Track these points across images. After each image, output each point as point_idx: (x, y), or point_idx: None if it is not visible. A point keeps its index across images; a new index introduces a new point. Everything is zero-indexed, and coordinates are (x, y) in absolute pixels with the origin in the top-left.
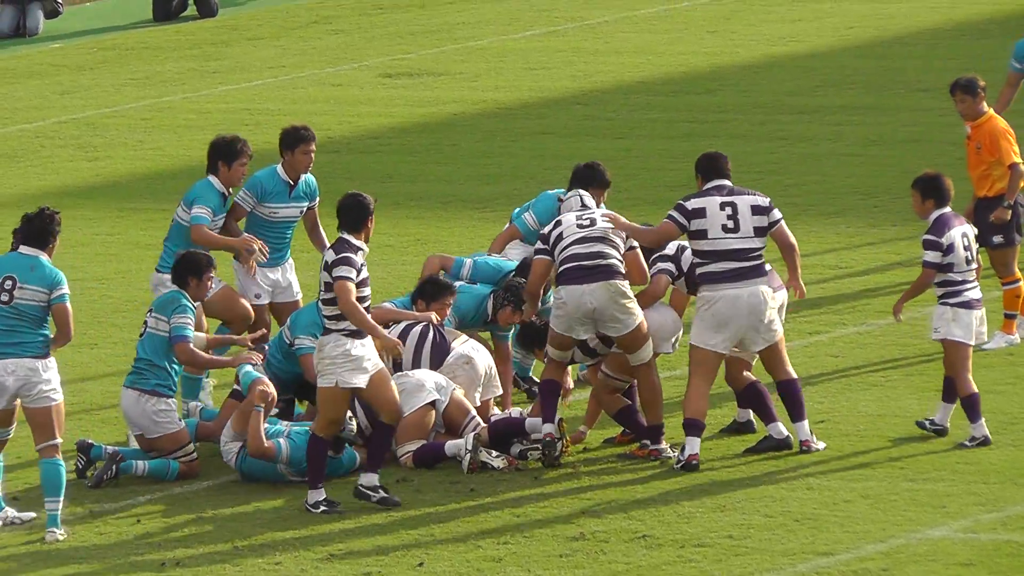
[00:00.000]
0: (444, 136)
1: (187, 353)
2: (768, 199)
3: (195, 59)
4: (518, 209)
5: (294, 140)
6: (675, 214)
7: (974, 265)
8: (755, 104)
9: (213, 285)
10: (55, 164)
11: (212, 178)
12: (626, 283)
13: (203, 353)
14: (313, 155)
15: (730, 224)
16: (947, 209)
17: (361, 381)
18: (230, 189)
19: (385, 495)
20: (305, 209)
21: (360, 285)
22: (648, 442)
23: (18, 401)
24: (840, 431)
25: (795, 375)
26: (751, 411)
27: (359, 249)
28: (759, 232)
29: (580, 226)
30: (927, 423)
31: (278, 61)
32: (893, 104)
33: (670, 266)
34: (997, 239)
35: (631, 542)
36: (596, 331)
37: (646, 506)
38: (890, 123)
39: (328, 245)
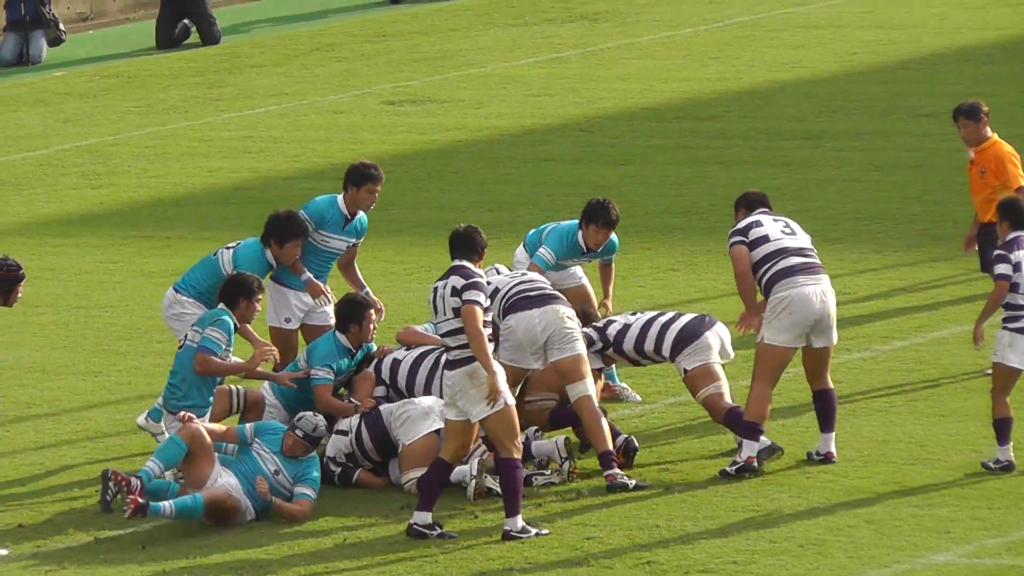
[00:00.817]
0: (447, 163)
1: (205, 364)
2: None
3: (198, 86)
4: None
5: (362, 178)
6: (735, 237)
7: None
8: (758, 130)
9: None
10: (59, 192)
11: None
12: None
13: (220, 361)
14: (376, 197)
15: (787, 230)
16: (1023, 233)
17: (485, 412)
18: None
19: (442, 531)
20: (351, 244)
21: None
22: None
23: None
24: (844, 456)
25: (832, 385)
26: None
27: (481, 275)
28: (811, 243)
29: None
30: (991, 463)
31: (281, 88)
32: (896, 130)
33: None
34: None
35: (635, 568)
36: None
37: (650, 532)
38: (893, 149)
39: (449, 273)
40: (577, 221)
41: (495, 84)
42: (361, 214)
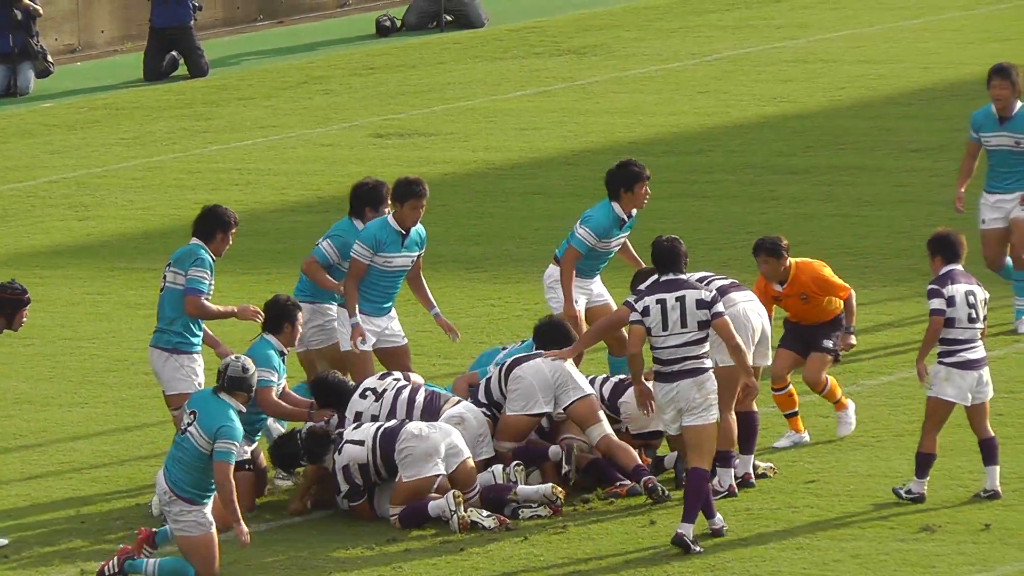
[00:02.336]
0: (434, 196)
1: (197, 307)
2: None
3: (185, 119)
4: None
5: (405, 194)
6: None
7: (979, 325)
8: (746, 164)
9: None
10: (45, 223)
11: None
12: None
13: (212, 306)
14: (422, 211)
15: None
16: (957, 266)
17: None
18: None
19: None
20: (416, 258)
21: None
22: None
23: None
24: (830, 491)
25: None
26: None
27: None
28: None
29: None
30: (980, 493)
31: (268, 121)
32: (884, 165)
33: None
34: (827, 343)
35: None
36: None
37: (636, 566)
38: (881, 184)
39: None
40: (604, 202)
41: (482, 117)
42: (418, 226)
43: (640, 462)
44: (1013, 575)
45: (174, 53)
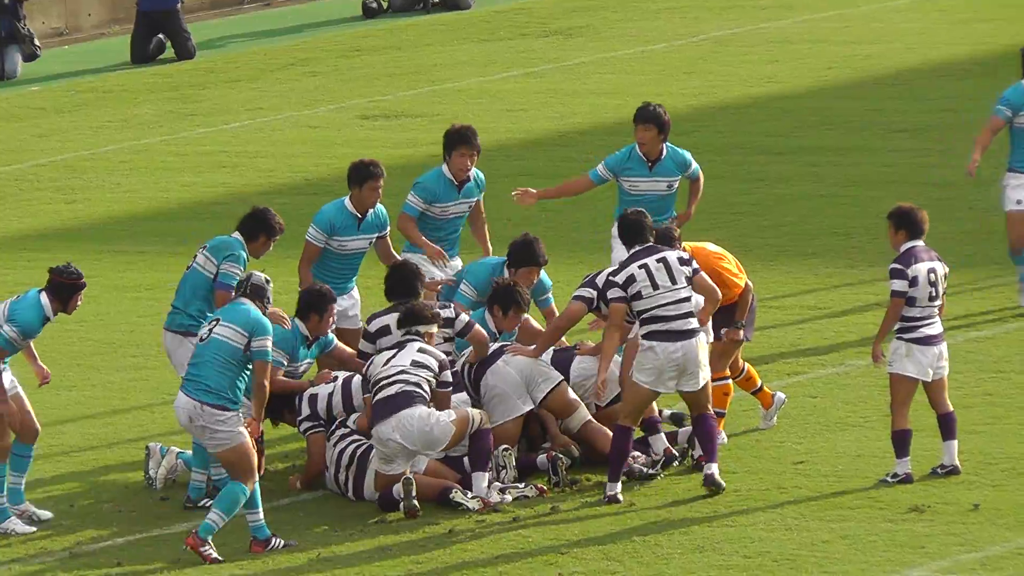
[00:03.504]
0: None
1: (226, 301)
2: None
3: (173, 101)
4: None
5: (362, 177)
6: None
7: (938, 302)
8: (733, 145)
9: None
10: (33, 207)
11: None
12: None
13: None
14: (380, 191)
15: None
16: (919, 242)
17: None
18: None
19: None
20: (375, 239)
21: None
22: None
23: None
24: (819, 472)
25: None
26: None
27: None
28: None
29: None
30: (938, 469)
31: (256, 103)
32: (871, 145)
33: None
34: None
35: None
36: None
37: (624, 547)
38: (868, 164)
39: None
40: (502, 259)
41: (470, 99)
42: (378, 207)
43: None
44: (1002, 555)
45: (161, 36)
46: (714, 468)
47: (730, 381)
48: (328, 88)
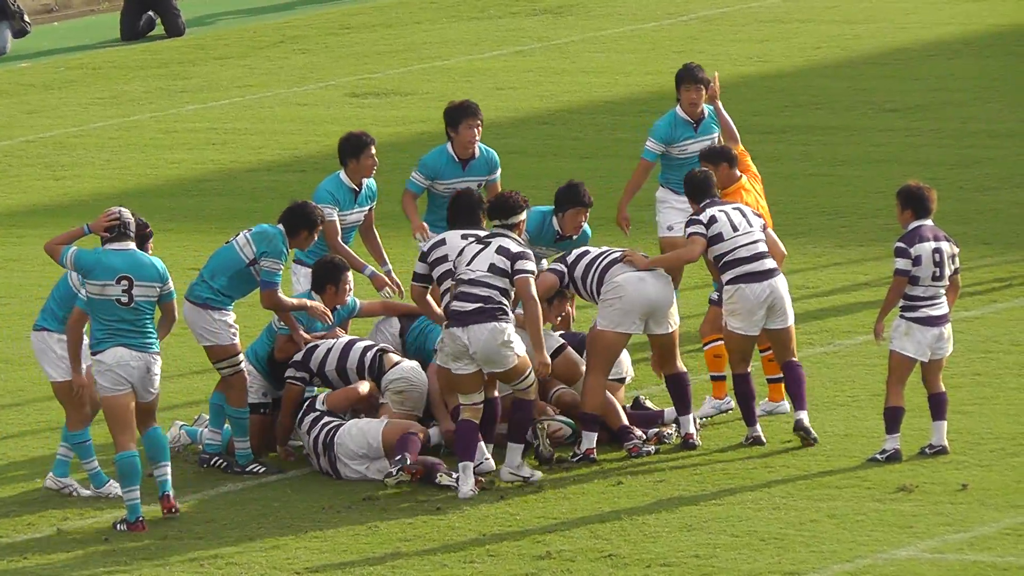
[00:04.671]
0: (411, 155)
1: (273, 300)
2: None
3: (162, 78)
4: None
5: (357, 148)
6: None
7: (943, 283)
8: None
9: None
10: (22, 183)
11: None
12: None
13: (286, 299)
14: (376, 157)
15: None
16: (927, 222)
17: None
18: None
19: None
20: (368, 211)
21: None
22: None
23: None
24: (807, 451)
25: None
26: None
27: None
28: None
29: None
30: (926, 449)
31: (245, 80)
32: (861, 124)
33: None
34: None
35: (597, 561)
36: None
37: (612, 525)
38: (858, 143)
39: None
40: (550, 207)
41: (459, 77)
42: (369, 180)
43: (626, 422)
44: (990, 535)
45: (151, 13)
46: (803, 415)
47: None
48: (317, 65)
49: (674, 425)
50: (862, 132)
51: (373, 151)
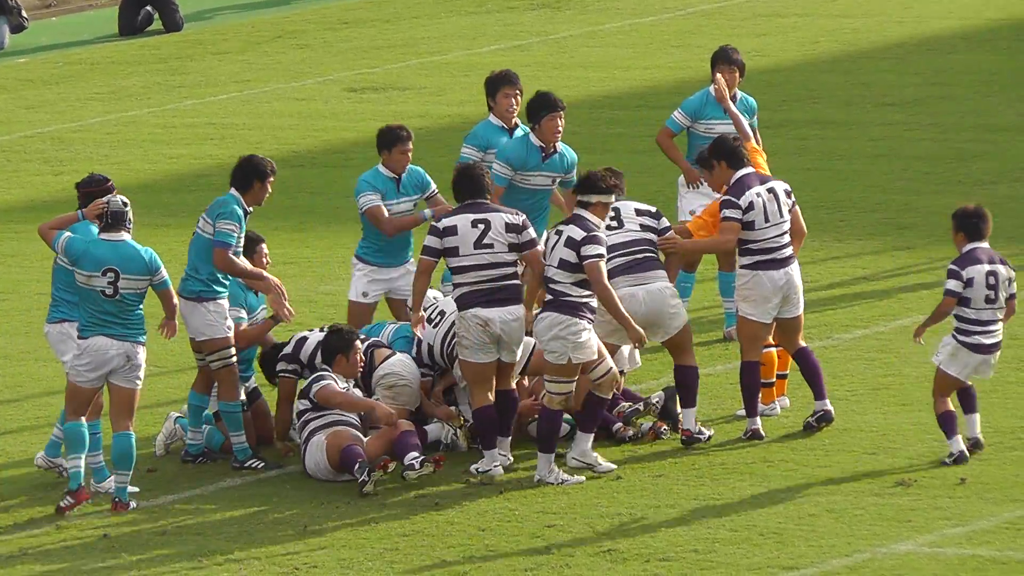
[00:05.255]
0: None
1: (224, 261)
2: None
3: (160, 73)
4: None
5: (390, 140)
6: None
7: (997, 304)
8: None
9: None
10: (20, 178)
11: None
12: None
13: (239, 262)
14: (410, 154)
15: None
16: (982, 244)
17: None
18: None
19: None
20: (418, 200)
21: None
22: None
23: None
24: (805, 446)
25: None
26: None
27: None
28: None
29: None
30: (947, 460)
31: (243, 76)
32: (859, 119)
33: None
34: None
35: (596, 556)
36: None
37: (611, 520)
38: (856, 138)
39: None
40: (526, 129)
41: (457, 72)
42: (411, 168)
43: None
44: (989, 529)
45: (149, 8)
46: (826, 404)
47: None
48: (315, 60)
49: (669, 421)
50: (860, 126)
51: (405, 146)
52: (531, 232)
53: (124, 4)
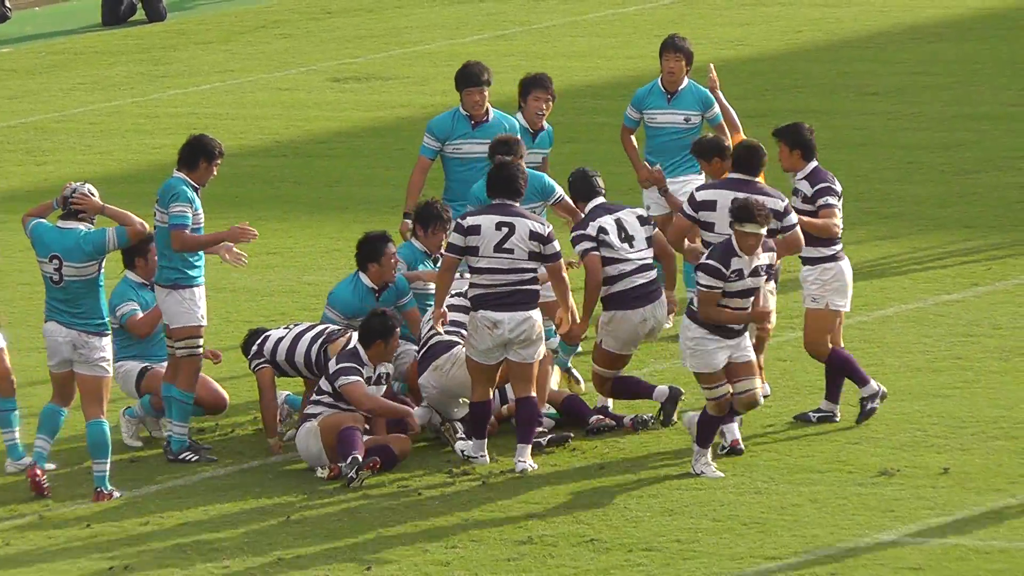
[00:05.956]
0: (393, 140)
1: (180, 240)
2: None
3: (144, 63)
4: None
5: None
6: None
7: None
8: None
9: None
10: (3, 168)
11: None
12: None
13: (195, 235)
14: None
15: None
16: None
17: None
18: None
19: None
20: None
21: None
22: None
23: None
24: (788, 436)
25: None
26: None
27: None
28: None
29: None
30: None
31: (226, 65)
32: (842, 108)
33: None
34: None
35: (579, 546)
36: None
37: (594, 510)
38: (840, 127)
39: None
40: (512, 118)
41: (440, 61)
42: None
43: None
44: (971, 518)
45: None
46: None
47: None
48: (298, 50)
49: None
50: (843, 115)
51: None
52: (556, 245)
53: None
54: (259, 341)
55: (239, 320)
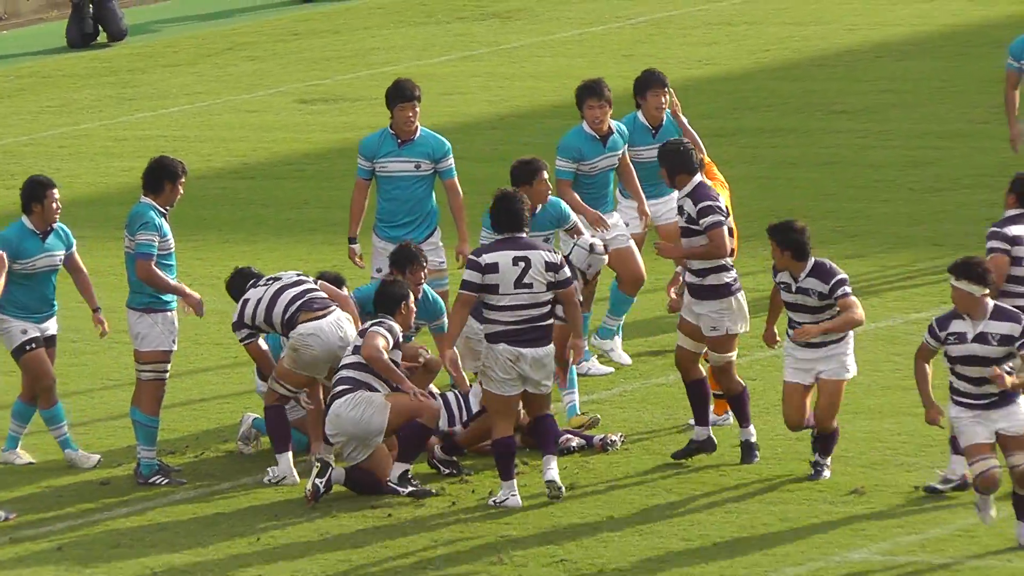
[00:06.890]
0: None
1: (146, 272)
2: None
3: (111, 86)
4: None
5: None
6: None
7: None
8: None
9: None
10: None
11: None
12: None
13: (161, 276)
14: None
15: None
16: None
17: None
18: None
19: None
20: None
21: None
22: None
23: None
24: (759, 454)
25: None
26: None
27: None
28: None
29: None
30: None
31: (194, 88)
32: (809, 127)
33: None
34: None
35: (549, 566)
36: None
37: (564, 530)
38: (807, 145)
39: None
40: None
41: None
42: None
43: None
44: (942, 537)
45: (91, 17)
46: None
47: None
48: (266, 72)
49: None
50: (811, 134)
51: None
52: (567, 271)
53: (71, 17)
54: (240, 305)
55: (208, 343)
